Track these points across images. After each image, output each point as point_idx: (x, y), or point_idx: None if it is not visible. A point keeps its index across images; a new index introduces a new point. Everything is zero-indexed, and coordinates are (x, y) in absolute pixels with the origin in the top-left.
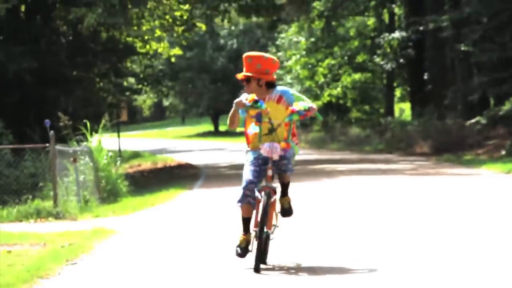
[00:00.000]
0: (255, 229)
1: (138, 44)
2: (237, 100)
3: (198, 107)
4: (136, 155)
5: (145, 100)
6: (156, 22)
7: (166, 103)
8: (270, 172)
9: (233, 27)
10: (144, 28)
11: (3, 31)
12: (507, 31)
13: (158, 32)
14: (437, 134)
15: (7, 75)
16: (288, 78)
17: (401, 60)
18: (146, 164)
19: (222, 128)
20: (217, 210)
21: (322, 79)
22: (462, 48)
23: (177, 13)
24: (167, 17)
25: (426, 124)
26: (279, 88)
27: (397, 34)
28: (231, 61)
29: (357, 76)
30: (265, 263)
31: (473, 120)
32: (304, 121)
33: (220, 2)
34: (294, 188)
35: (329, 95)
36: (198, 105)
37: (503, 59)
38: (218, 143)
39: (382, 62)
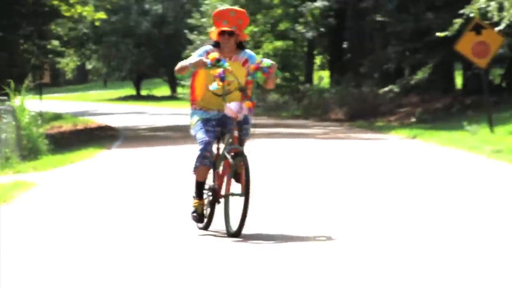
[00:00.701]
0: (227, 192)
1: (63, 8)
2: (194, 60)
3: (120, 71)
4: (57, 117)
5: (68, 63)
6: None
7: (89, 66)
8: (236, 133)
9: None
10: None
11: None
12: (422, 2)
13: None
14: (353, 101)
15: None
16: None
17: (322, 29)
18: (67, 126)
19: (144, 92)
20: (133, 168)
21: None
22: (378, 19)
23: None
24: None
25: (343, 92)
26: (247, 51)
27: (319, 3)
28: (156, 26)
29: (279, 43)
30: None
31: (386, 88)
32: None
33: None
34: None
35: None
36: (121, 69)
37: (418, 29)
38: (139, 107)
39: (303, 30)
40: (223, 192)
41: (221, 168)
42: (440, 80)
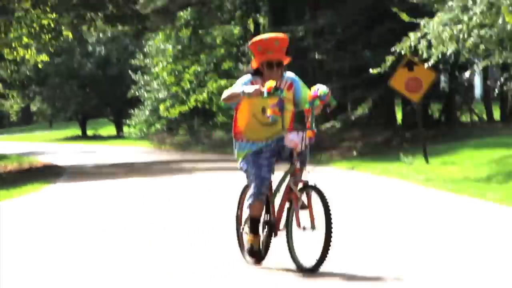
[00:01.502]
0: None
1: (6, 51)
2: (249, 90)
3: (66, 112)
4: (2, 157)
5: (12, 106)
6: (24, 30)
7: (34, 108)
8: (298, 165)
9: (101, 35)
10: (12, 35)
11: None
12: (359, 41)
13: (25, 40)
14: None
15: None
16: (155, 84)
17: None
18: (12, 165)
19: (89, 132)
20: (75, 200)
21: (189, 85)
22: (317, 57)
23: (45, 21)
24: (35, 24)
25: None
26: (288, 74)
27: None
28: (99, 67)
29: (223, 82)
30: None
31: (328, 125)
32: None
33: (86, 11)
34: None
35: (195, 100)
36: (66, 109)
37: (356, 66)
38: (86, 146)
39: (246, 69)
40: (281, 226)
41: (278, 199)
42: (380, 115)
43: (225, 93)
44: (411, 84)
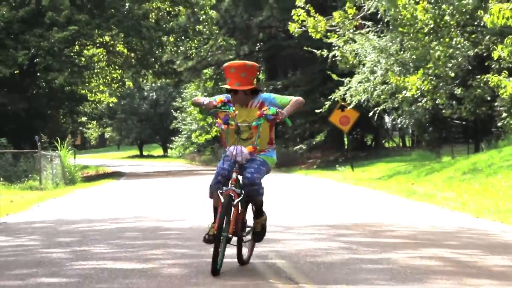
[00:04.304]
0: (214, 231)
1: (89, 95)
2: (206, 101)
3: (128, 138)
4: (85, 167)
5: (92, 133)
6: (100, 81)
7: (107, 135)
8: (234, 175)
9: (153, 84)
10: (92, 84)
11: (5, 85)
12: (317, 91)
13: (101, 87)
14: (281, 156)
15: (8, 112)
16: (189, 119)
17: None
18: (92, 171)
19: (145, 152)
20: (132, 188)
21: (211, 120)
22: None
23: (114, 75)
24: (108, 77)
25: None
26: (262, 94)
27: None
28: (152, 107)
29: None
30: (243, 263)
31: (297, 147)
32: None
33: (142, 69)
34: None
35: (216, 130)
36: (129, 137)
37: (313, 109)
38: (142, 161)
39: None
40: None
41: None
42: (333, 141)
43: (195, 99)
44: (342, 120)
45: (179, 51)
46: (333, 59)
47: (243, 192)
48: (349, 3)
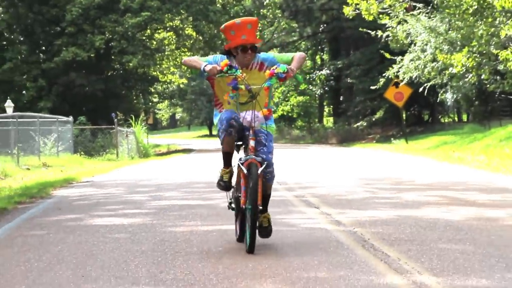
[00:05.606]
0: (243, 205)
1: (160, 76)
2: (208, 67)
3: (198, 118)
4: (157, 145)
5: (163, 114)
6: (171, 63)
7: (177, 116)
8: (252, 143)
9: None
10: (164, 65)
11: (83, 67)
12: (375, 70)
13: (172, 69)
14: (343, 133)
15: (87, 92)
16: None
17: (326, 88)
18: (164, 149)
19: (214, 131)
20: (200, 159)
21: (277, 99)
22: (349, 80)
23: (184, 56)
24: (178, 59)
25: (338, 127)
26: (260, 55)
27: (324, 72)
28: None
29: (300, 98)
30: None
31: (358, 124)
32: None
33: (209, 50)
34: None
35: (282, 110)
36: (199, 117)
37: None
38: (210, 141)
39: (315, 89)
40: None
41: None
42: (392, 117)
43: (190, 59)
44: (397, 95)
45: None
46: (386, 39)
47: (264, 160)
48: None
